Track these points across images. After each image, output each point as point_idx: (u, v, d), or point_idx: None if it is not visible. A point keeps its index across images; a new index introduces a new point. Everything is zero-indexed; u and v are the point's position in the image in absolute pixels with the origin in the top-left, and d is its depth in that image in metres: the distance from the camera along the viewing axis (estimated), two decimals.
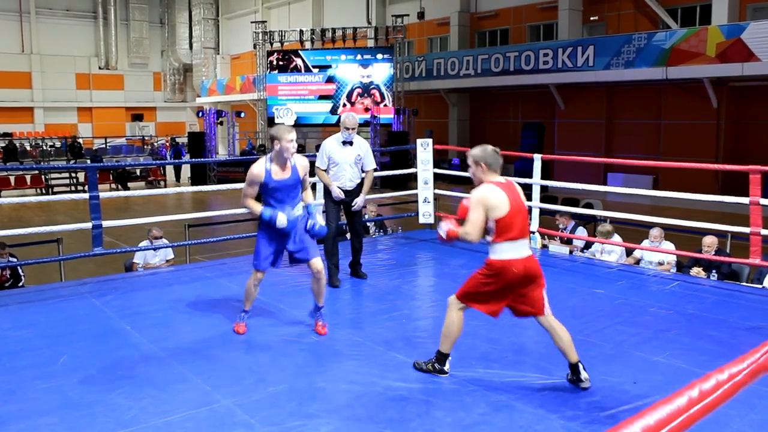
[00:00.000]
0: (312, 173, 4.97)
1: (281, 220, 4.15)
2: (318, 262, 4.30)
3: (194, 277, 6.05)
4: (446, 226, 3.48)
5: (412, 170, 8.34)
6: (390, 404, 3.32)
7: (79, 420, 3.16)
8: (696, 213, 8.06)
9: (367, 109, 23.33)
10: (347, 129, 5.49)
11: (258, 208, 4.22)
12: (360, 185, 5.67)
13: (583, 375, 3.47)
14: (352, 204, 5.66)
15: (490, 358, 3.92)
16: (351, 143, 5.55)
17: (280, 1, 31.32)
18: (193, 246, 8.28)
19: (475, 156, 3.50)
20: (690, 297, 5.37)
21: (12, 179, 21.33)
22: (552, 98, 19.99)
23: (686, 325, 4.60)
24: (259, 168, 4.15)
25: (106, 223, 5.95)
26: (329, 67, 24.01)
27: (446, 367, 3.63)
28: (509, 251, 3.40)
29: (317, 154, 5.66)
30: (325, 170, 5.62)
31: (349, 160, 5.55)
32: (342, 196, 5.54)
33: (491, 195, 3.39)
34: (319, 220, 4.29)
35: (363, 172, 5.70)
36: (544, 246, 7.59)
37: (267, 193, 4.22)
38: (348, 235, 6.43)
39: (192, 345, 4.22)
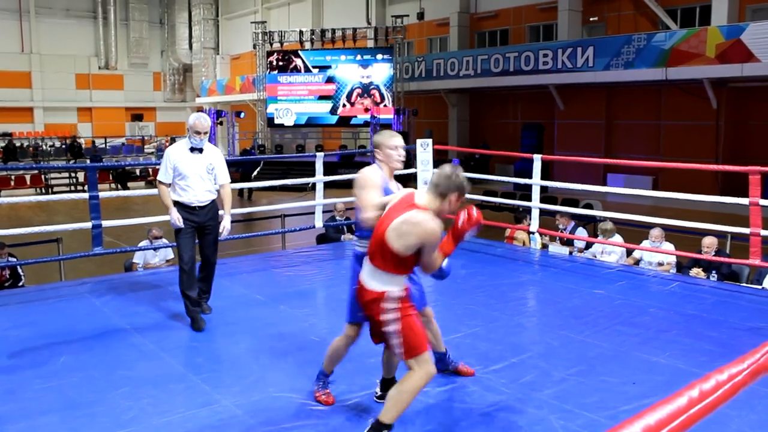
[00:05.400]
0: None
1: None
2: (428, 310, 3.56)
3: None
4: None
5: (411, 170, 8.33)
6: None
7: (79, 420, 3.16)
8: (696, 214, 8.07)
9: (367, 110, 23.35)
10: (198, 133, 4.59)
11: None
12: (214, 201, 4.80)
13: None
14: (207, 226, 4.76)
15: (490, 358, 3.92)
16: (201, 150, 4.65)
17: (280, 2, 31.32)
18: None
19: (453, 184, 2.94)
20: (690, 297, 5.37)
21: (12, 179, 21.33)
22: (552, 99, 19.99)
23: (686, 326, 4.60)
24: (373, 173, 3.35)
25: (105, 223, 5.96)
26: (329, 67, 24.03)
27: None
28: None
29: (160, 165, 4.70)
30: (168, 185, 4.66)
31: (199, 171, 4.63)
32: (180, 224, 4.60)
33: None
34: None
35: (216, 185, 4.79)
36: (544, 246, 7.60)
37: None
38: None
39: (192, 345, 4.23)
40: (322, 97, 24.26)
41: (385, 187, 3.32)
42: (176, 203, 4.65)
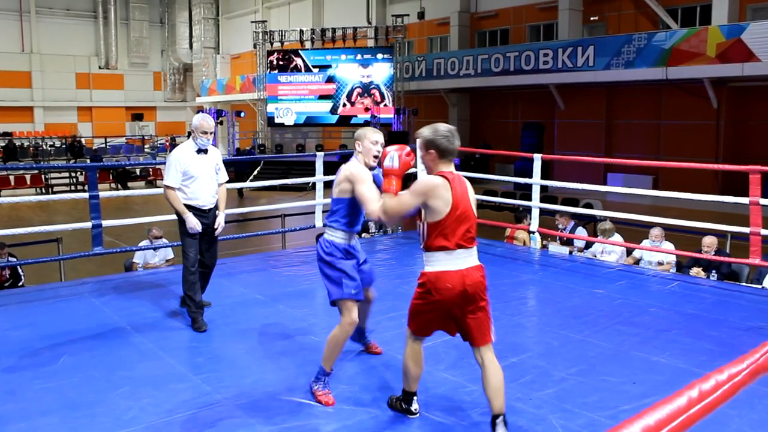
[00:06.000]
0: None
1: None
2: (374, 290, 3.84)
3: None
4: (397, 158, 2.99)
5: (412, 170, 8.33)
6: None
7: (79, 420, 3.16)
8: (696, 213, 8.07)
9: (367, 109, 23.34)
10: (205, 133, 4.53)
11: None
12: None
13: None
14: (214, 227, 4.73)
15: None
16: (206, 151, 4.62)
17: (280, 1, 31.32)
18: None
19: (425, 139, 2.95)
20: (690, 297, 5.37)
21: (12, 179, 21.34)
22: (552, 98, 19.98)
23: (686, 325, 4.60)
24: (358, 168, 3.40)
25: (105, 223, 5.95)
26: (329, 66, 24.03)
27: (413, 407, 3.15)
28: (444, 262, 2.87)
29: (165, 168, 4.59)
30: (176, 189, 4.55)
31: (208, 173, 4.62)
32: (199, 229, 4.55)
33: (439, 195, 2.84)
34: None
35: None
36: (544, 246, 7.60)
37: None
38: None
39: (192, 345, 4.23)
40: (322, 97, 24.26)
41: (376, 177, 3.45)
42: (187, 207, 4.57)
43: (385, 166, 3.04)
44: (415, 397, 3.16)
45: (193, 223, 4.53)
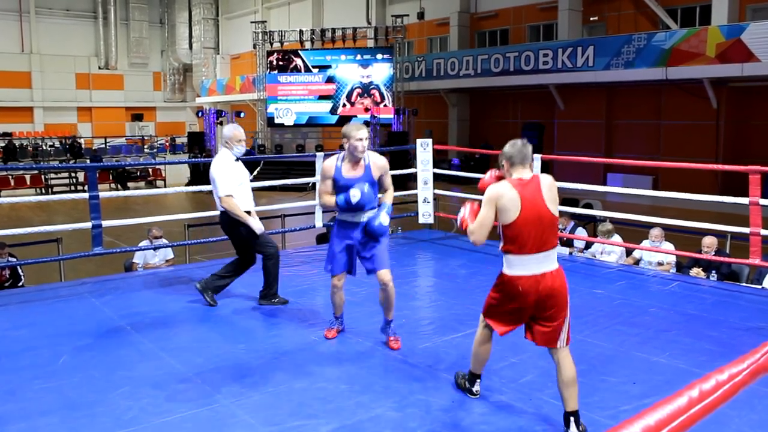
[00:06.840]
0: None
1: (354, 193, 3.87)
2: (386, 274, 4.01)
3: (194, 277, 6.03)
4: (463, 212, 3.11)
5: (411, 170, 8.34)
6: (390, 404, 3.32)
7: (79, 420, 3.16)
8: (695, 213, 8.06)
9: (367, 109, 23.35)
10: (240, 141, 4.87)
11: (332, 199, 4.01)
12: None
13: (572, 429, 2.95)
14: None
15: (491, 358, 3.91)
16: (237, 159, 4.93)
17: (280, 1, 31.34)
18: (192, 246, 8.29)
19: (502, 153, 3.15)
20: (690, 297, 5.37)
21: (12, 179, 21.34)
22: (552, 98, 19.99)
23: (686, 326, 4.60)
24: (329, 163, 4.05)
25: (105, 223, 5.95)
26: (329, 67, 24.04)
27: (474, 388, 3.35)
28: (518, 265, 2.97)
29: (217, 180, 4.75)
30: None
31: (248, 178, 4.97)
32: (263, 227, 4.89)
33: (503, 194, 2.94)
34: (383, 219, 3.94)
35: None
36: None
37: (338, 190, 4.01)
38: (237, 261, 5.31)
39: (192, 345, 4.22)
40: (322, 97, 24.27)
41: (337, 174, 4.00)
42: None
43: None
44: (478, 380, 3.35)
45: (259, 224, 4.83)
